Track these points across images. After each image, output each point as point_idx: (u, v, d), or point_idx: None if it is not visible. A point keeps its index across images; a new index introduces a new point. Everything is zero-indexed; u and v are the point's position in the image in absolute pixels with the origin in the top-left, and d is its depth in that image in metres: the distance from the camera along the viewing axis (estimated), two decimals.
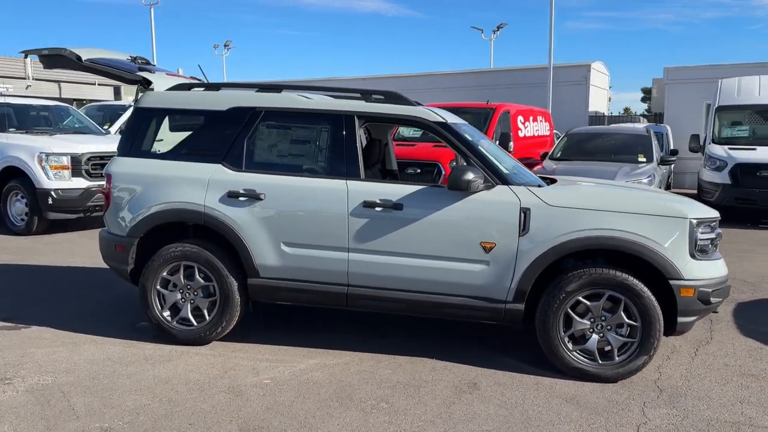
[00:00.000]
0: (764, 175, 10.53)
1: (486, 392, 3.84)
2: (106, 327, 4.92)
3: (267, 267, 4.35)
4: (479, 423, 3.44)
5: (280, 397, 3.72)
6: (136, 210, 4.53)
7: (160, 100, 4.73)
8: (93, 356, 4.33)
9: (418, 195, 4.17)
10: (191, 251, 4.43)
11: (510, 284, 4.05)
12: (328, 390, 3.83)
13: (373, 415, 3.51)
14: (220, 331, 4.47)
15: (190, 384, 3.89)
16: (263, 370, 4.13)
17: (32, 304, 5.57)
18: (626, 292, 3.92)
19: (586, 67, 19.06)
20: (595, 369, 4.01)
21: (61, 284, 6.27)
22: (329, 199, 4.25)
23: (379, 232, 4.18)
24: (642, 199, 4.25)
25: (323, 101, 4.52)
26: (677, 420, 3.52)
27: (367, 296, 4.28)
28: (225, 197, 4.37)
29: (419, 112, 4.37)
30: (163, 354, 4.37)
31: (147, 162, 4.62)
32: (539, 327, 4.07)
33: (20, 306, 5.49)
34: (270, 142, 4.64)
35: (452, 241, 4.10)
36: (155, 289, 4.52)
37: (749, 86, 12.14)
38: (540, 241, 3.98)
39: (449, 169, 9.57)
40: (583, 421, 3.48)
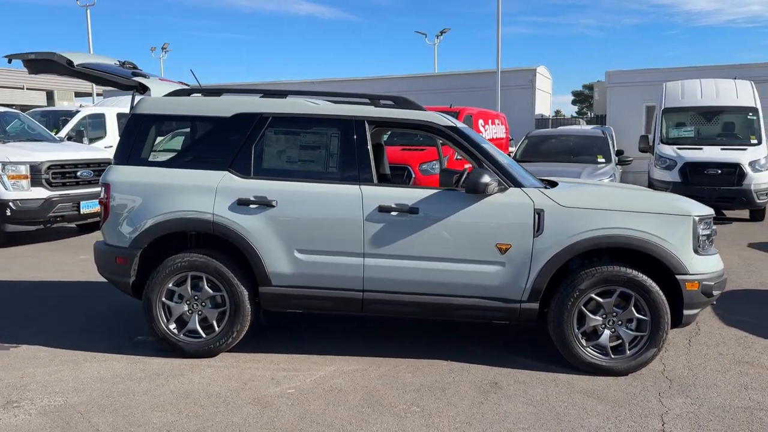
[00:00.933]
0: (711, 173, 11.14)
1: (509, 391, 3.92)
2: (101, 343, 4.73)
3: (279, 275, 4.29)
4: (513, 422, 3.50)
5: (310, 406, 3.68)
6: (138, 220, 4.38)
7: (160, 106, 4.59)
8: (99, 374, 4.15)
9: (433, 198, 4.21)
10: (199, 261, 4.31)
11: (525, 284, 4.15)
12: (356, 396, 3.81)
13: (408, 419, 3.52)
14: (230, 342, 4.38)
15: (212, 397, 3.79)
16: (283, 379, 4.07)
17: (12, 322, 5.28)
18: (636, 288, 4.08)
19: (532, 72, 19.63)
20: (607, 363, 4.16)
21: (37, 300, 5.97)
22: (344, 204, 4.24)
23: (395, 237, 4.20)
24: (648, 198, 4.44)
25: (332, 106, 4.50)
26: (694, 408, 3.69)
27: (383, 301, 4.29)
28: (234, 205, 4.28)
29: (430, 116, 4.41)
30: (173, 368, 4.24)
31: (148, 170, 4.48)
32: (554, 325, 4.18)
33: (11, 326, 5.19)
34: (278, 148, 4.58)
35: (468, 244, 4.17)
36: (160, 302, 4.38)
37: (692, 89, 12.82)
38: (554, 241, 4.09)
39: (419, 172, 9.69)
40: (610, 414, 3.61)
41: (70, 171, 8.69)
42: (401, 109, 4.46)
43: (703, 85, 12.89)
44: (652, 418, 3.56)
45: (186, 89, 4.74)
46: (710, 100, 12.49)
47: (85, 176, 8.84)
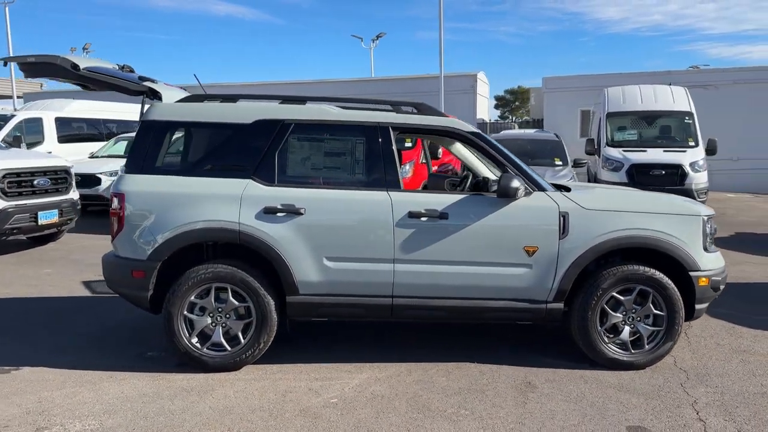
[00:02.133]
0: (656, 174, 11.79)
1: (545, 390, 4.03)
2: (110, 360, 4.50)
3: (308, 283, 4.24)
4: (563, 419, 3.62)
5: (360, 414, 3.66)
6: (158, 231, 4.20)
7: (174, 112, 4.43)
8: (123, 393, 3.95)
9: (462, 203, 4.28)
10: (225, 272, 4.19)
11: (552, 285, 4.28)
12: (401, 403, 3.82)
13: (462, 423, 3.57)
14: (256, 354, 4.28)
15: (256, 411, 3.69)
16: (321, 389, 4.01)
17: (1, 342, 4.93)
18: (654, 285, 4.30)
19: (473, 77, 20.10)
20: (628, 358, 4.35)
21: (20, 318, 5.60)
22: (374, 210, 4.23)
23: (425, 242, 4.24)
24: (659, 200, 4.67)
25: (356, 113, 4.48)
26: (717, 396, 3.93)
27: (413, 306, 4.31)
28: (261, 213, 4.19)
29: (453, 122, 4.48)
30: (201, 383, 4.10)
31: (166, 179, 4.30)
32: (578, 323, 4.34)
33: None
34: (302, 155, 4.52)
35: (497, 247, 4.26)
36: (182, 315, 4.22)
37: (632, 94, 13.53)
38: (579, 242, 4.25)
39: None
40: (646, 406, 3.78)
41: (27, 180, 8.17)
42: (424, 116, 4.50)
43: (643, 90, 13.64)
44: (685, 408, 3.77)
45: (199, 95, 4.59)
46: (650, 105, 13.23)
47: (42, 185, 8.34)
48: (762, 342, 4.97)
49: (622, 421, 3.59)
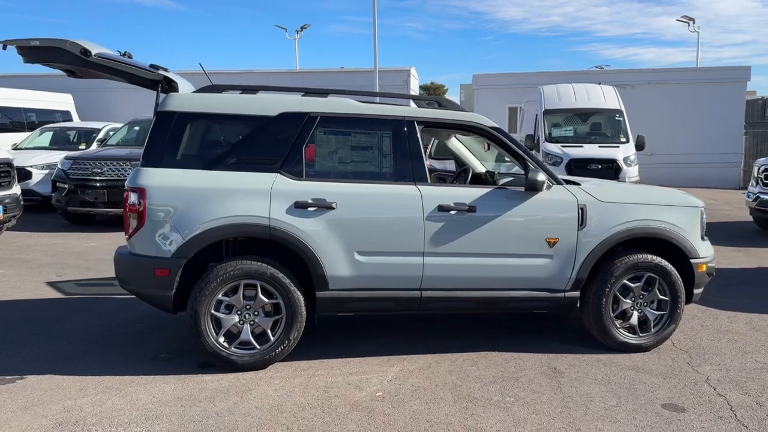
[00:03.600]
0: (593, 168, 12.45)
1: (572, 374, 4.22)
2: (124, 364, 4.28)
3: (339, 278, 4.21)
4: (602, 400, 3.81)
5: (411, 406, 3.69)
6: (185, 227, 4.03)
7: (194, 103, 4.24)
8: (156, 398, 3.77)
9: (488, 197, 4.39)
10: (255, 268, 4.08)
11: (570, 274, 4.48)
12: (445, 393, 3.89)
13: (513, 409, 3.68)
14: (285, 351, 4.20)
15: (307, 409, 3.64)
16: (360, 384, 4.01)
17: (2, 350, 4.57)
18: (660, 272, 4.59)
19: (407, 72, 20.33)
20: (636, 341, 4.63)
21: (5, 323, 5.18)
22: (404, 204, 4.26)
23: (454, 235, 4.31)
24: (661, 193, 4.97)
25: (381, 107, 4.47)
26: (724, 373, 4.27)
27: (440, 298, 4.38)
28: (292, 208, 4.11)
29: (476, 117, 4.57)
30: (233, 383, 3.98)
31: (188, 173, 4.13)
32: (592, 310, 4.57)
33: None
34: (329, 148, 4.46)
35: (521, 239, 4.41)
36: (209, 314, 4.07)
37: (567, 93, 14.20)
38: (595, 233, 4.47)
39: None
40: (668, 385, 4.05)
41: None
42: (448, 110, 4.57)
43: (576, 89, 14.34)
44: (701, 385, 4.07)
45: (218, 86, 4.41)
46: (583, 103, 13.93)
47: None
48: (737, 322, 5.42)
49: (654, 400, 3.84)
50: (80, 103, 17.90)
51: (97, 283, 6.62)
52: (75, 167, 9.75)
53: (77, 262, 7.58)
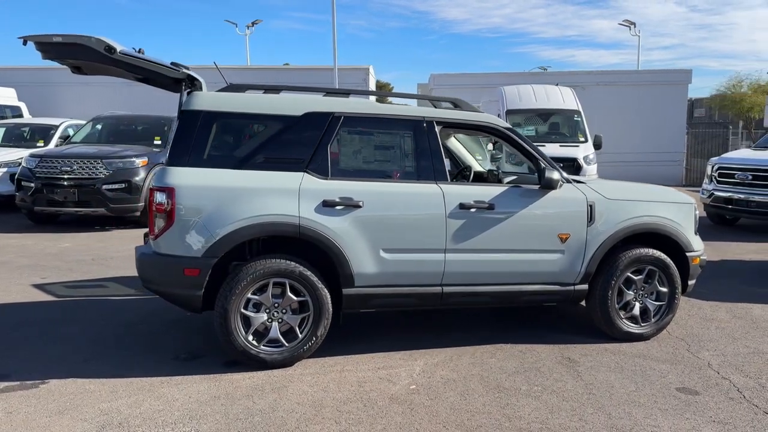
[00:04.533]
0: None
1: (586, 363, 4.45)
2: (146, 366, 4.23)
3: (364, 275, 4.29)
4: (623, 386, 4.03)
5: (448, 398, 3.82)
6: (215, 226, 4.02)
7: (220, 102, 4.23)
8: (193, 397, 3.76)
9: (506, 195, 4.56)
10: (284, 267, 4.12)
11: (580, 268, 4.71)
12: (476, 384, 4.03)
13: (544, 397, 3.86)
14: (312, 347, 4.26)
15: (348, 403, 3.71)
16: (391, 377, 4.10)
17: (12, 354, 4.42)
18: (660, 265, 4.88)
19: (366, 70, 20.41)
20: (638, 330, 4.91)
21: (7, 327, 5.00)
22: (428, 203, 4.38)
23: (474, 232, 4.46)
24: (661, 190, 5.25)
25: (401, 107, 4.57)
26: (722, 358, 4.59)
27: (460, 293, 4.52)
28: (320, 207, 4.17)
29: (490, 118, 4.74)
30: (266, 381, 4.00)
31: (217, 172, 4.12)
32: (599, 302, 4.81)
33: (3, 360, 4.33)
34: (353, 148, 4.52)
35: (536, 235, 4.60)
36: (239, 313, 4.09)
37: (527, 93, 14.62)
38: (603, 229, 4.71)
39: None
40: (677, 371, 4.33)
41: None
42: (462, 111, 4.72)
43: (535, 90, 14.78)
44: (705, 369, 4.37)
45: (240, 85, 4.40)
46: (543, 103, 14.38)
47: None
48: (719, 311, 5.79)
49: (668, 384, 4.09)
50: (24, 99, 17.14)
51: (86, 284, 6.44)
52: (42, 165, 9.40)
53: (56, 263, 7.34)
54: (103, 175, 9.35)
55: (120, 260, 7.53)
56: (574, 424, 3.52)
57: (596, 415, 3.62)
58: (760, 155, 10.81)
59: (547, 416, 3.60)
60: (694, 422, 3.55)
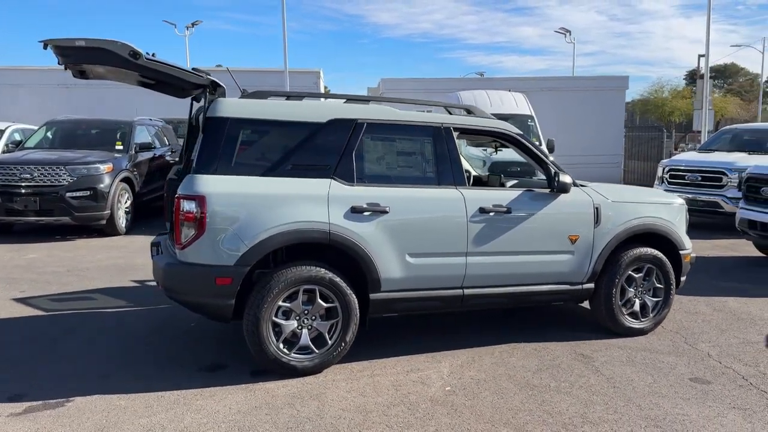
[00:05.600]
0: (513, 170, 13.26)
1: (600, 358, 4.65)
2: (171, 379, 4.13)
3: (390, 280, 4.34)
4: (640, 379, 4.25)
5: (485, 397, 3.92)
6: (248, 234, 3.97)
7: (246, 109, 4.18)
8: (233, 408, 3.71)
9: (521, 198, 4.71)
10: (315, 273, 4.12)
11: (588, 268, 4.92)
12: (506, 383, 4.15)
13: (574, 392, 4.02)
14: (341, 353, 4.27)
15: (393, 407, 3.75)
16: (423, 380, 4.17)
17: (12, 374, 4.19)
18: (657, 263, 5.16)
19: (317, 74, 20.34)
20: (639, 326, 5.17)
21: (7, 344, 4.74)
22: (450, 207, 4.47)
23: (493, 235, 4.59)
24: (655, 193, 5.54)
25: (419, 114, 4.65)
26: (718, 349, 4.89)
27: (479, 295, 4.64)
28: (349, 213, 4.19)
29: (503, 125, 4.89)
30: (302, 389, 3.99)
31: (246, 180, 4.07)
32: (603, 300, 5.03)
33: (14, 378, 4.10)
34: (376, 154, 4.55)
35: (549, 237, 4.78)
36: (270, 321, 4.05)
37: (483, 99, 14.96)
38: (608, 230, 4.94)
39: None
40: (684, 362, 4.59)
41: None
42: (479, 118, 4.84)
43: (490, 95, 15.16)
44: (707, 360, 4.66)
45: (263, 92, 4.37)
46: (498, 108, 14.73)
47: None
48: (699, 304, 6.16)
49: (681, 375, 4.34)
50: None
51: (71, 297, 6.17)
52: None
53: (30, 276, 6.99)
54: (67, 182, 8.95)
55: (96, 271, 7.25)
56: (611, 416, 3.69)
57: (628, 407, 3.81)
58: (706, 157, 11.52)
59: (584, 410, 3.76)
60: (717, 410, 3.79)
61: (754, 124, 14.63)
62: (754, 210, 7.97)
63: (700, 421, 3.64)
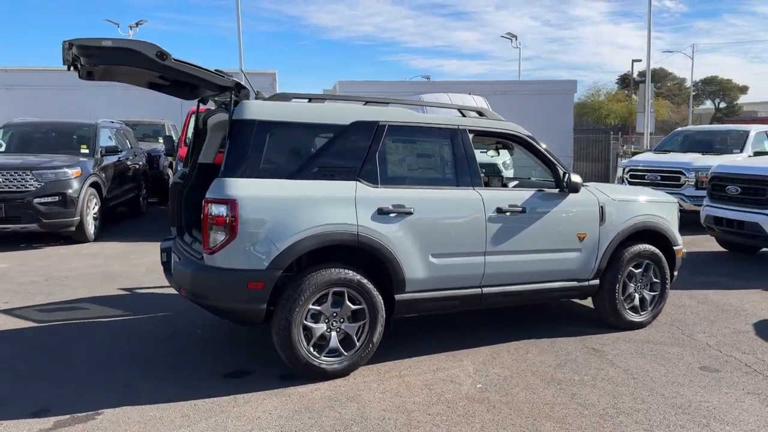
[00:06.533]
0: None
1: (610, 351, 4.83)
2: (199, 386, 4.04)
3: (414, 281, 4.38)
4: (654, 370, 4.44)
5: (518, 393, 4.01)
6: (279, 238, 3.93)
7: (272, 111, 4.14)
8: (275, 414, 3.67)
9: (534, 198, 4.84)
10: (343, 275, 4.11)
11: (594, 265, 5.10)
12: (533, 379, 4.26)
13: (599, 385, 4.16)
14: (368, 355, 4.29)
15: (433, 406, 3.80)
16: (453, 378, 4.23)
17: (37, 386, 4.00)
18: (654, 259, 5.40)
19: (272, 75, 20.09)
20: (638, 319, 5.39)
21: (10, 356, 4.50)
22: (470, 208, 4.55)
23: (509, 234, 4.70)
24: (652, 191, 5.77)
25: (437, 117, 4.71)
26: (714, 339, 5.16)
27: (496, 293, 4.74)
28: (375, 214, 4.21)
29: (514, 127, 5.01)
30: (336, 391, 3.98)
31: (275, 183, 4.03)
32: (607, 295, 5.22)
33: (31, 391, 3.91)
34: (397, 156, 4.58)
35: (560, 235, 4.93)
36: (301, 324, 4.03)
37: (445, 101, 15.16)
38: (611, 228, 5.14)
39: None
40: (686, 353, 4.82)
41: None
42: (491, 120, 4.95)
43: (452, 98, 15.36)
44: (708, 349, 4.90)
45: (285, 94, 4.33)
46: None
47: None
48: (683, 298, 6.46)
49: (691, 365, 4.56)
50: None
51: (61, 307, 5.91)
52: None
53: (8, 286, 6.65)
54: (34, 187, 8.55)
55: (76, 279, 6.97)
56: (640, 406, 3.85)
57: (653, 397, 3.98)
58: (663, 158, 12.08)
59: (614, 402, 3.90)
60: (734, 396, 4.01)
61: (703, 126, 15.45)
62: (719, 207, 8.41)
63: (722, 407, 3.84)
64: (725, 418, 3.70)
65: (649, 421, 3.64)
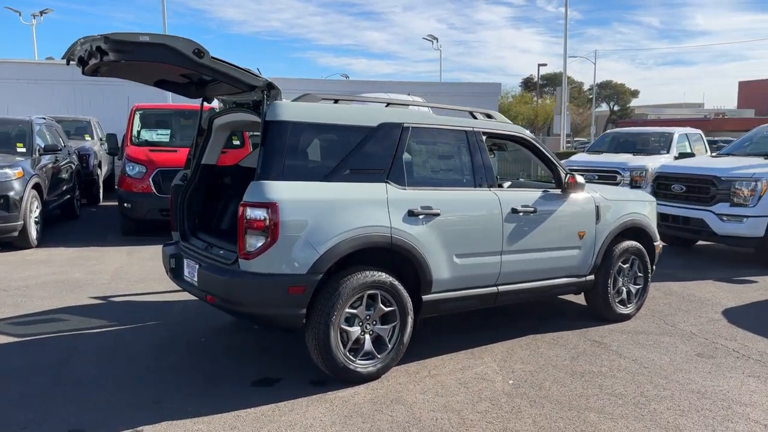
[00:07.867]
0: None
1: (612, 343, 5.09)
2: (231, 397, 3.90)
3: (440, 281, 4.43)
4: (657, 359, 4.73)
5: (550, 387, 4.15)
6: (319, 241, 3.86)
7: (307, 113, 4.05)
8: (325, 420, 3.60)
9: (543, 198, 5.02)
10: (377, 278, 4.10)
11: (591, 261, 5.35)
12: (555, 372, 4.42)
13: (618, 375, 4.38)
14: (399, 356, 4.30)
15: (478, 404, 3.86)
16: (483, 375, 4.31)
17: (57, 405, 3.70)
18: (638, 254, 5.74)
19: None
20: (626, 311, 5.71)
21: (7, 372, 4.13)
22: (489, 208, 4.66)
23: (522, 234, 4.85)
24: (634, 191, 6.10)
25: (452, 119, 4.77)
26: (701, 327, 5.54)
27: (510, 291, 4.88)
28: (406, 216, 4.22)
29: (520, 129, 5.16)
30: (375, 394, 3.97)
31: (312, 185, 3.95)
32: (599, 289, 5.50)
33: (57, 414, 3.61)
34: (420, 157, 4.59)
35: (565, 233, 5.14)
36: (338, 328, 3.98)
37: None
38: (605, 226, 5.41)
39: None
40: (680, 341, 5.16)
41: None
42: (498, 122, 5.07)
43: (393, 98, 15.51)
44: (696, 337, 5.27)
45: (312, 95, 4.24)
46: None
47: None
48: (651, 290, 6.90)
49: (687, 352, 4.89)
50: None
51: (37, 320, 5.48)
52: None
53: None
54: None
55: (37, 289, 6.48)
56: (662, 392, 4.10)
57: (670, 384, 4.25)
58: (598, 158, 12.76)
59: (640, 390, 4.13)
60: (738, 380, 4.35)
61: (630, 128, 16.35)
62: (664, 204, 9.01)
63: (733, 390, 4.16)
64: (741, 399, 4.01)
65: (679, 407, 3.88)
